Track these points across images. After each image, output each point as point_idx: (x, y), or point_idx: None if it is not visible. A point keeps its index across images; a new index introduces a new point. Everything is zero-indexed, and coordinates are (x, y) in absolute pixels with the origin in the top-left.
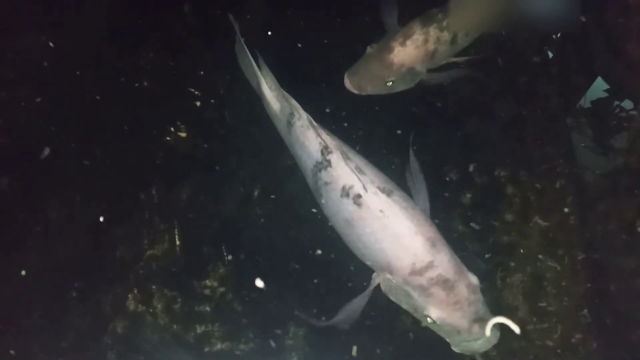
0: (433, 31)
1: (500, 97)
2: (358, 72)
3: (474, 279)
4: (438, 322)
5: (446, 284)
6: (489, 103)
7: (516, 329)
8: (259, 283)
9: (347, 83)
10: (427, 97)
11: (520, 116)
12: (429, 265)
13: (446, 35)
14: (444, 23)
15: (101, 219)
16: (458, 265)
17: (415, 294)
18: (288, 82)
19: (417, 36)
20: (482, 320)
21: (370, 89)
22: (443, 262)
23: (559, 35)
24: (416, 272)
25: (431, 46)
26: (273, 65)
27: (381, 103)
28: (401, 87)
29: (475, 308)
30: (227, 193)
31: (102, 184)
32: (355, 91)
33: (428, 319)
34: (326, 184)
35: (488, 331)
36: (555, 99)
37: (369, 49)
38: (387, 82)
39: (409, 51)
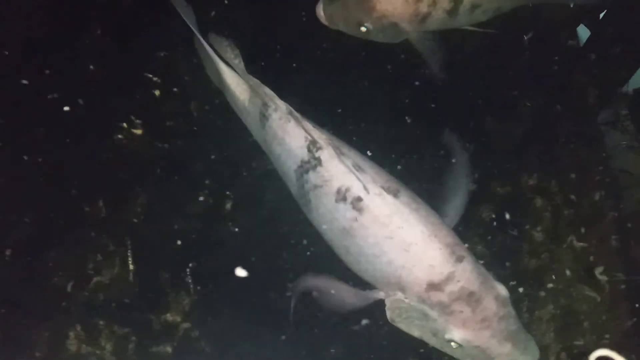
0: None
1: (526, 87)
2: (334, 3)
3: (502, 290)
4: (464, 346)
5: (471, 299)
6: (511, 95)
7: None
8: (241, 272)
9: (319, 12)
10: (433, 84)
11: (550, 112)
12: (450, 277)
13: (445, 2)
14: None
15: (34, 237)
16: (483, 275)
17: (434, 314)
18: (257, 64)
19: None
20: (514, 338)
21: (342, 27)
22: (465, 272)
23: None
24: (434, 286)
25: (423, 8)
26: (236, 42)
27: (379, 85)
28: (380, 39)
29: (506, 324)
30: (193, 205)
31: (34, 195)
32: (326, 23)
33: (452, 343)
34: (316, 187)
35: None
36: (593, 89)
37: None
38: (362, 27)
39: (395, 3)
